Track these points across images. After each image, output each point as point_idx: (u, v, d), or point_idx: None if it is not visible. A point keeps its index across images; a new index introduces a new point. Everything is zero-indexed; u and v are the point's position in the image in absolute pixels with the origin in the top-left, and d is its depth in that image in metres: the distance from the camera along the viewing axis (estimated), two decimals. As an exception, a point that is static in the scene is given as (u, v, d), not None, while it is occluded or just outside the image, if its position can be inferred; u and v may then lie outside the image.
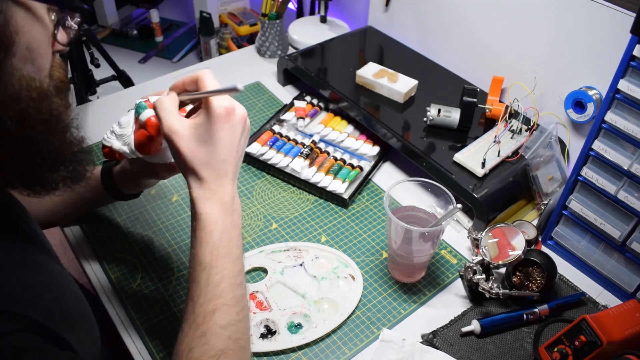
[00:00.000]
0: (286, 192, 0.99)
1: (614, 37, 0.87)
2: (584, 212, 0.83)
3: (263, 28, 1.30)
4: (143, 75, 1.48)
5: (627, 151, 0.77)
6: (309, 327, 0.76)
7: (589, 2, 0.89)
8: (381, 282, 0.84)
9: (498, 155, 0.93)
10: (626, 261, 0.82)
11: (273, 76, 1.27)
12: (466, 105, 0.97)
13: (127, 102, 1.16)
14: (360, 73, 1.11)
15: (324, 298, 0.80)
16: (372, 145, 1.06)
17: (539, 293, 0.79)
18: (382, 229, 0.92)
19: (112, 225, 0.90)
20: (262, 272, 0.84)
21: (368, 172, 1.00)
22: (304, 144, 1.05)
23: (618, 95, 0.75)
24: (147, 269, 0.83)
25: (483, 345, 0.76)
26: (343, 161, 1.02)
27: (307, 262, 0.85)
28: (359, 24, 1.42)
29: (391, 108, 1.07)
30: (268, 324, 0.77)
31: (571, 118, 0.96)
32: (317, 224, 0.93)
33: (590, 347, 0.68)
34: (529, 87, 1.01)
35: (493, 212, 0.90)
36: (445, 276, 0.86)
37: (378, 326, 0.78)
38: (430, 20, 1.20)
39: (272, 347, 0.74)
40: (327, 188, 0.96)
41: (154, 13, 1.63)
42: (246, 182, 1.00)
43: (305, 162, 1.00)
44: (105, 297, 0.80)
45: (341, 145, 1.07)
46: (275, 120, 1.11)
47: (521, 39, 1.03)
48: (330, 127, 1.10)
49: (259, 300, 0.79)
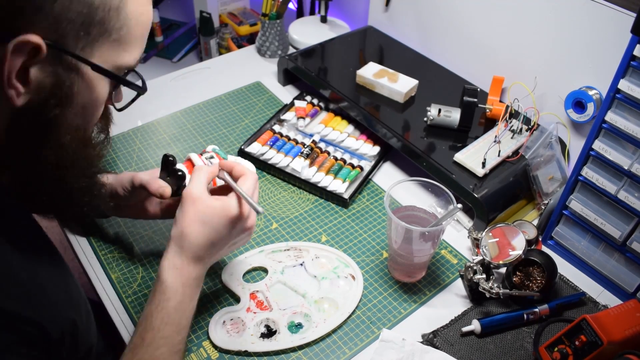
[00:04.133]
0: (286, 192, 0.99)
1: (614, 37, 0.87)
2: (585, 212, 0.83)
3: (263, 28, 1.30)
4: (143, 75, 1.48)
5: (628, 151, 0.77)
6: (310, 327, 0.76)
7: (589, 2, 0.89)
8: (381, 281, 0.84)
9: (498, 155, 0.93)
10: (626, 261, 0.82)
11: (273, 76, 1.27)
12: (466, 105, 0.97)
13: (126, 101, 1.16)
14: (361, 73, 1.11)
15: (324, 298, 0.80)
16: (372, 145, 1.06)
17: (540, 293, 0.79)
18: (382, 229, 0.92)
19: (112, 225, 0.90)
20: (262, 272, 0.84)
21: (368, 172, 1.00)
22: (304, 143, 1.05)
23: (618, 95, 0.75)
24: (147, 269, 0.83)
25: (483, 345, 0.76)
26: (343, 161, 1.02)
27: (307, 261, 0.85)
28: (359, 24, 1.42)
29: (391, 108, 1.07)
30: (268, 323, 0.77)
31: (571, 118, 0.95)
32: (317, 223, 0.93)
33: (591, 347, 0.68)
34: (529, 87, 1.00)
35: (493, 212, 0.90)
36: (446, 276, 0.86)
37: (378, 326, 0.78)
38: (430, 20, 1.20)
39: (273, 346, 0.74)
40: (328, 188, 0.96)
41: (154, 13, 1.63)
42: (246, 182, 1.00)
43: (305, 162, 1.00)
44: (106, 297, 0.80)
45: (341, 145, 1.07)
46: (275, 120, 1.11)
47: (521, 39, 1.03)
48: (330, 127, 1.10)
49: (259, 300, 0.79)
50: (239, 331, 0.75)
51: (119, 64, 0.53)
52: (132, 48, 0.54)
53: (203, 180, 0.66)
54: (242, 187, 0.67)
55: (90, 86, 0.52)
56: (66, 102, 0.50)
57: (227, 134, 1.10)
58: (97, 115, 0.57)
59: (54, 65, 0.48)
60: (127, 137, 1.08)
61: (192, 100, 1.18)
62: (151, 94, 1.20)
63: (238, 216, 0.65)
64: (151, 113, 1.14)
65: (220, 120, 1.13)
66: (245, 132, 1.11)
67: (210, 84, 1.24)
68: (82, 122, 0.54)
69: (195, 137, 1.09)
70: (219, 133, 1.10)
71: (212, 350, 0.74)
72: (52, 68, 0.48)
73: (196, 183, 0.66)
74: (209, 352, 0.73)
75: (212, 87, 1.22)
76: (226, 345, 0.73)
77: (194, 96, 1.20)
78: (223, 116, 1.15)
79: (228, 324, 0.76)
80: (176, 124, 1.12)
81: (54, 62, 0.48)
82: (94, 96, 0.53)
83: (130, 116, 1.12)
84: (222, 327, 0.76)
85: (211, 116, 1.14)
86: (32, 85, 0.48)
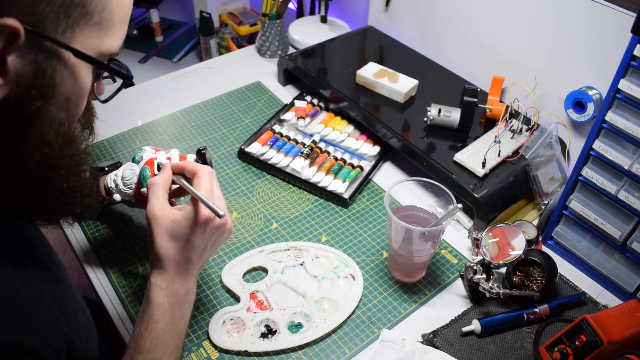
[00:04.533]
0: (286, 192, 0.99)
1: (614, 37, 0.87)
2: (585, 212, 0.83)
3: (263, 28, 1.30)
4: (143, 75, 1.47)
5: (628, 151, 0.77)
6: (310, 327, 0.76)
7: (589, 2, 0.89)
8: (381, 281, 0.84)
9: (498, 155, 0.93)
10: (626, 261, 0.82)
11: (273, 76, 1.27)
12: (466, 105, 0.97)
13: (126, 101, 1.16)
14: (361, 73, 1.11)
15: (324, 298, 0.80)
16: (372, 145, 1.06)
17: (540, 293, 0.79)
18: (382, 229, 0.92)
19: (112, 225, 0.90)
20: (262, 272, 0.84)
21: (368, 172, 1.00)
22: (304, 143, 1.05)
23: (619, 95, 0.75)
24: (147, 269, 0.83)
25: (483, 345, 0.76)
26: (343, 161, 1.02)
27: (307, 261, 0.85)
28: (359, 24, 1.42)
29: (391, 108, 1.07)
30: (268, 323, 0.77)
31: (571, 118, 0.95)
32: (317, 223, 0.93)
33: (591, 347, 0.68)
34: (529, 87, 1.00)
35: (493, 212, 0.90)
36: (446, 276, 0.86)
37: (378, 326, 0.78)
38: (430, 20, 1.20)
39: (273, 346, 0.74)
40: (328, 188, 0.96)
41: (154, 13, 1.63)
42: (246, 182, 1.00)
43: (305, 162, 1.00)
44: (106, 297, 0.80)
45: (341, 145, 1.07)
46: (275, 120, 1.11)
47: (521, 39, 1.03)
48: (330, 127, 1.10)
49: (259, 300, 0.79)
50: (239, 331, 0.75)
51: (102, 50, 0.50)
52: (114, 33, 0.50)
53: (160, 195, 0.64)
54: (198, 187, 0.64)
55: (73, 74, 0.49)
56: (48, 93, 0.47)
57: (227, 134, 1.10)
58: (80, 108, 0.53)
59: (33, 52, 0.44)
60: (127, 137, 1.08)
61: (192, 100, 1.18)
62: (151, 94, 1.20)
63: (204, 220, 0.62)
64: (151, 113, 1.14)
65: (220, 120, 1.13)
66: (245, 132, 1.10)
67: (210, 84, 1.24)
68: (65, 115, 0.51)
69: (195, 137, 1.09)
70: (219, 133, 1.10)
71: (212, 350, 0.74)
72: (32, 55, 0.44)
73: (154, 200, 0.63)
74: (209, 352, 0.73)
75: (212, 87, 1.22)
76: (226, 345, 0.73)
77: (194, 96, 1.20)
78: (223, 116, 1.14)
79: (228, 323, 0.76)
80: (176, 124, 1.12)
81: (34, 48, 0.44)
82: (78, 86, 0.50)
83: (130, 116, 1.12)
84: (222, 327, 0.76)
85: (211, 116, 1.14)
86: (10, 76, 0.44)
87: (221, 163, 1.04)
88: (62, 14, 0.45)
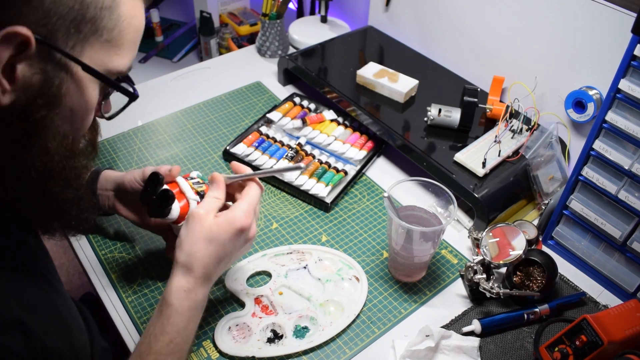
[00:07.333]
0: (286, 192, 0.99)
1: (615, 37, 0.87)
2: (585, 212, 0.83)
3: (263, 28, 1.30)
4: (143, 75, 1.47)
5: (628, 151, 0.77)
6: (316, 330, 0.76)
7: (589, 2, 0.89)
8: (382, 282, 0.84)
9: (499, 155, 0.93)
10: (627, 261, 0.82)
11: (273, 76, 1.27)
12: (467, 105, 0.97)
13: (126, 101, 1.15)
14: (361, 73, 1.11)
15: (329, 300, 0.80)
16: (359, 149, 1.05)
17: (540, 293, 0.79)
18: (382, 229, 0.92)
19: (112, 225, 0.90)
20: (266, 276, 0.84)
21: (353, 177, 1.00)
22: (289, 146, 1.05)
23: (619, 95, 0.75)
24: (147, 269, 0.83)
25: (484, 345, 0.76)
26: (328, 164, 1.01)
27: (310, 264, 0.84)
28: (359, 23, 1.42)
29: (392, 108, 1.07)
30: (274, 328, 0.76)
31: (571, 118, 0.95)
32: (317, 223, 0.93)
33: (591, 347, 0.68)
34: (530, 87, 1.00)
35: (494, 212, 0.90)
36: (446, 276, 0.86)
37: (378, 326, 0.78)
38: (430, 20, 1.20)
39: (280, 351, 0.73)
40: (310, 191, 0.95)
41: (154, 13, 1.63)
42: (246, 181, 1.00)
43: (289, 165, 0.99)
44: (106, 297, 0.80)
45: (328, 148, 1.05)
46: (262, 121, 1.11)
47: (521, 39, 1.03)
48: (317, 130, 1.08)
49: (264, 305, 0.79)
50: (245, 337, 0.75)
51: (110, 67, 0.51)
52: (123, 52, 0.52)
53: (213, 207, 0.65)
54: (246, 195, 0.66)
55: (80, 88, 0.50)
56: (54, 103, 0.48)
57: (227, 134, 1.10)
58: (86, 123, 0.54)
59: (42, 62, 0.46)
60: (127, 137, 1.08)
61: (192, 100, 1.18)
62: (151, 94, 1.20)
63: (243, 227, 0.64)
64: (151, 113, 1.14)
65: (220, 120, 1.13)
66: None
67: (210, 84, 1.24)
68: (70, 128, 0.52)
69: (195, 137, 1.09)
70: (219, 133, 1.10)
71: (212, 350, 0.74)
72: (41, 65, 0.46)
73: (206, 205, 0.65)
74: (209, 352, 0.73)
75: (212, 87, 1.22)
76: (233, 351, 0.72)
77: (194, 96, 1.20)
78: (223, 116, 1.14)
79: (234, 329, 0.76)
80: (176, 124, 1.12)
81: (43, 59, 0.46)
82: (83, 100, 0.51)
83: (130, 116, 1.12)
84: (228, 333, 0.75)
85: (211, 116, 1.14)
86: (18, 83, 0.45)
87: (221, 163, 1.04)
88: (73, 28, 0.47)
